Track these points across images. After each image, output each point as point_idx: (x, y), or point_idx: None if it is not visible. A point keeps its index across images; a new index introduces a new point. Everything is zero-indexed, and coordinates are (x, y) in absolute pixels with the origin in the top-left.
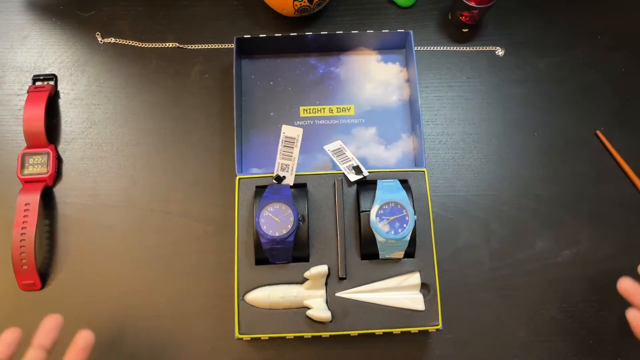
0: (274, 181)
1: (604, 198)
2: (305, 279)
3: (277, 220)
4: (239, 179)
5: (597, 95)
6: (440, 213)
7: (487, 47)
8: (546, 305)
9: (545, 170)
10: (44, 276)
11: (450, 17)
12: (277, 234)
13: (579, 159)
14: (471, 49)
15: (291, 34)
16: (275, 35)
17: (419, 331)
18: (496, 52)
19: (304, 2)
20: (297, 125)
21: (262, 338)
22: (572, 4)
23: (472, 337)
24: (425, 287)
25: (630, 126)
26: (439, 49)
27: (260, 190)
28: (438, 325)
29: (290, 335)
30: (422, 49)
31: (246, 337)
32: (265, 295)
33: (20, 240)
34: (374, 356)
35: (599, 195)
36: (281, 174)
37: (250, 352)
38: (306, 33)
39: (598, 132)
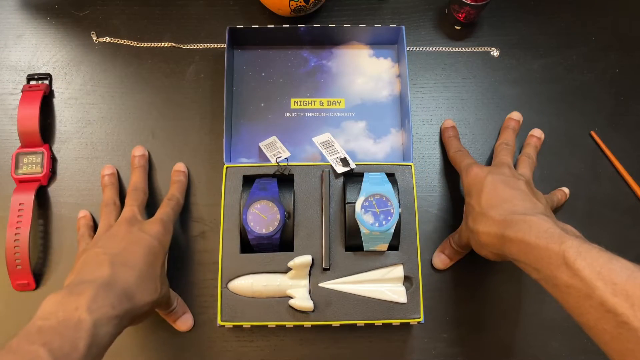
0: (278, 172)
1: (598, 198)
2: (289, 269)
3: (264, 218)
4: (227, 167)
5: (592, 96)
6: (436, 213)
7: (483, 48)
8: (540, 304)
9: (540, 170)
10: (38, 276)
11: (446, 12)
12: (263, 231)
13: (574, 159)
14: (466, 50)
15: (284, 26)
16: (268, 26)
17: (401, 323)
18: (491, 52)
19: (300, 2)
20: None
21: (244, 326)
22: (567, 5)
23: (460, 335)
24: (408, 280)
25: (625, 127)
26: (434, 49)
27: (247, 180)
28: (420, 318)
29: (272, 324)
30: (417, 49)
31: (228, 324)
32: (249, 284)
33: (14, 240)
34: (355, 347)
35: (593, 195)
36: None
37: (232, 340)
38: (299, 25)
39: (592, 133)
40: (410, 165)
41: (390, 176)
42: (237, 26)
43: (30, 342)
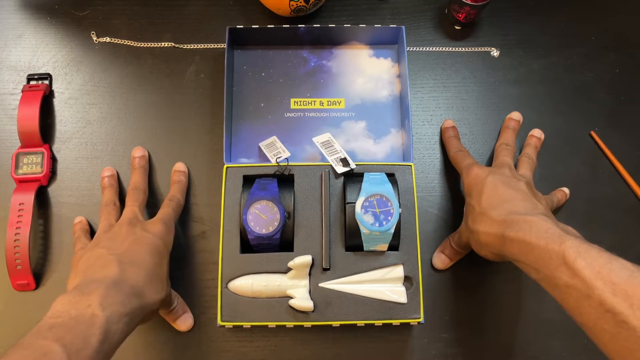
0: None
1: (598, 198)
2: (289, 269)
3: (264, 218)
4: (227, 167)
5: (591, 96)
6: (436, 213)
7: (483, 48)
8: (540, 304)
9: (540, 170)
10: (38, 276)
11: (446, 12)
12: (263, 231)
13: (573, 159)
14: (466, 50)
15: (284, 26)
16: (268, 26)
17: (401, 323)
18: (491, 52)
19: (300, 2)
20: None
21: (244, 326)
22: (567, 5)
23: (460, 335)
24: (408, 280)
25: (624, 127)
26: (434, 49)
27: (247, 180)
28: (420, 318)
29: (272, 324)
30: (417, 49)
31: (228, 324)
32: (249, 284)
33: (15, 240)
34: (355, 347)
35: (593, 195)
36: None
37: (232, 340)
38: (299, 25)
39: (592, 133)
40: (410, 165)
41: (390, 176)
42: (237, 26)
43: (43, 337)
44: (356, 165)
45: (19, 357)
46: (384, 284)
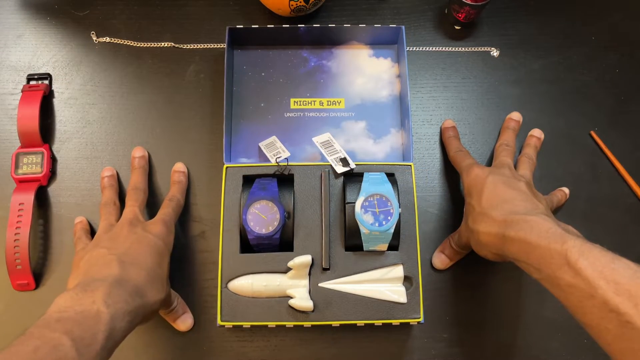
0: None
1: (598, 198)
2: (289, 269)
3: (264, 218)
4: (227, 167)
5: (591, 96)
6: (436, 213)
7: (482, 48)
8: (540, 304)
9: (540, 170)
10: (38, 276)
11: (446, 12)
12: (263, 231)
13: (573, 159)
14: (466, 50)
15: (284, 26)
16: (268, 26)
17: (401, 323)
18: (491, 52)
19: (300, 2)
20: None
21: (244, 326)
22: (567, 5)
23: (460, 335)
24: (408, 280)
25: (624, 127)
26: (434, 49)
27: (247, 180)
28: (419, 318)
29: (272, 324)
30: (417, 49)
31: (228, 324)
32: (249, 284)
33: (14, 240)
34: (355, 347)
35: (593, 195)
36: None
37: (232, 340)
38: (299, 25)
39: (592, 133)
40: (410, 165)
41: (390, 176)
42: (237, 26)
43: (52, 329)
44: (356, 165)
45: (31, 347)
46: (383, 284)
